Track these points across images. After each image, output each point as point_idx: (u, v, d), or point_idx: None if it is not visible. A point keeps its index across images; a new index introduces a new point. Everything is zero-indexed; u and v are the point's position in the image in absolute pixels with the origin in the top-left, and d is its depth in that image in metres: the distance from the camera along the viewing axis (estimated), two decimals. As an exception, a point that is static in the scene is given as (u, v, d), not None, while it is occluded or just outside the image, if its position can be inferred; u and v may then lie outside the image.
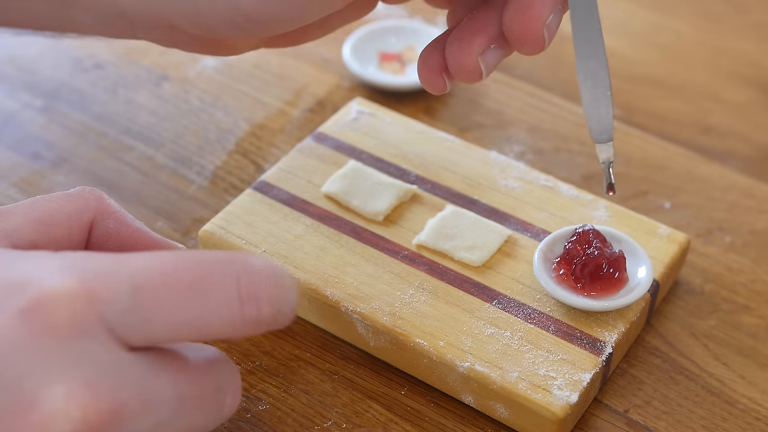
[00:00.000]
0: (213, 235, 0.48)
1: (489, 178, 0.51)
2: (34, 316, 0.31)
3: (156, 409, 0.33)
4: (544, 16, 0.39)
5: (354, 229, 0.48)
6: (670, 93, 0.63)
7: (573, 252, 0.45)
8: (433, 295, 0.45)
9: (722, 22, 0.69)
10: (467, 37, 0.41)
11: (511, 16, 0.39)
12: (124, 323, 0.32)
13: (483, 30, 0.41)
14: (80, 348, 0.31)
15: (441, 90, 0.43)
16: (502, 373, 0.42)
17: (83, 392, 0.31)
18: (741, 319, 0.49)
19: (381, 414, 0.44)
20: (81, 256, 0.34)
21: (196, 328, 0.34)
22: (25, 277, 0.32)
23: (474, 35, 0.41)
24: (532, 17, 0.39)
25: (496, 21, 0.40)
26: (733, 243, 0.53)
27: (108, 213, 0.40)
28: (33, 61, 0.64)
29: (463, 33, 0.41)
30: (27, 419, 0.30)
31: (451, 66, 0.41)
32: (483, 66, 0.41)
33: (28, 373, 0.31)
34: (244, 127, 0.59)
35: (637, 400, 0.45)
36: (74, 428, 0.31)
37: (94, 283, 0.32)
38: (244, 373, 0.46)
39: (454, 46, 0.41)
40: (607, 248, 0.45)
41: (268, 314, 0.35)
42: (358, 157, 0.52)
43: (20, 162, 0.57)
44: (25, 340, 0.31)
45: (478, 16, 0.41)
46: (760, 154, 0.59)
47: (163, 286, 0.33)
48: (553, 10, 0.39)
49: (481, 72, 0.41)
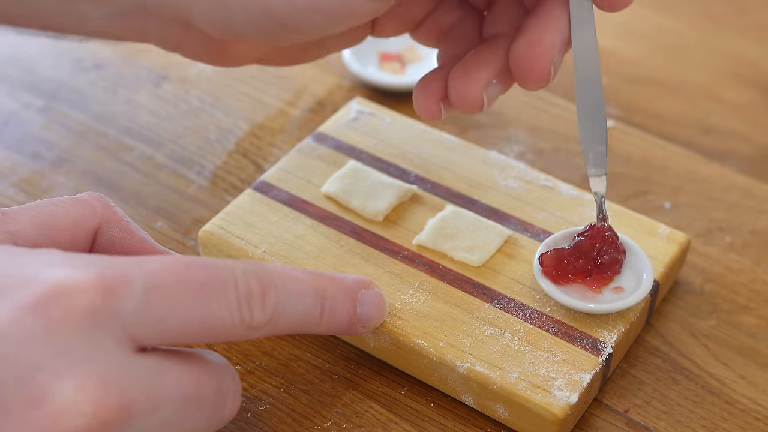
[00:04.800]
0: (213, 235, 0.48)
1: (489, 178, 0.51)
2: (49, 308, 0.32)
3: (162, 408, 0.33)
4: (554, 52, 0.41)
5: (354, 229, 0.48)
6: (670, 93, 0.63)
7: (585, 245, 0.45)
8: (433, 295, 0.45)
9: (723, 23, 0.69)
10: (473, 70, 0.42)
11: (520, 49, 0.41)
12: (138, 322, 0.33)
13: (488, 64, 0.42)
14: (93, 343, 0.32)
15: (435, 117, 0.44)
16: (502, 374, 0.42)
17: (94, 387, 0.31)
18: (741, 319, 0.49)
19: (381, 414, 0.44)
20: (93, 256, 0.34)
21: (207, 328, 0.34)
22: (37, 270, 0.33)
23: (480, 68, 0.42)
24: (541, 51, 0.40)
25: (499, 57, 0.42)
26: (733, 243, 0.53)
27: (114, 221, 0.40)
28: (33, 61, 0.64)
29: (468, 65, 0.43)
30: (39, 412, 0.31)
31: (455, 95, 0.43)
32: (486, 98, 0.42)
33: (41, 365, 0.31)
34: (244, 127, 0.59)
35: (637, 400, 0.45)
36: (85, 422, 0.31)
37: (111, 280, 0.32)
38: (244, 373, 0.46)
39: (459, 76, 0.42)
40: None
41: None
42: (358, 157, 0.52)
43: (20, 162, 0.57)
44: (38, 332, 0.31)
45: (482, 52, 0.43)
46: (760, 154, 0.59)
47: (176, 285, 0.33)
48: (561, 48, 0.41)
49: (483, 104, 0.42)
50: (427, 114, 0.44)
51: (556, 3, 0.41)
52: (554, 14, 0.41)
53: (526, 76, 0.41)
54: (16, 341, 0.31)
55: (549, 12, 0.41)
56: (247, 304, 0.35)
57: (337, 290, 0.39)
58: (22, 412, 0.31)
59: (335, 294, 0.39)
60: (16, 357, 0.31)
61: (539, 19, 0.41)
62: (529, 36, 0.41)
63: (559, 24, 0.41)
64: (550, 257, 0.45)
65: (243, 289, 0.35)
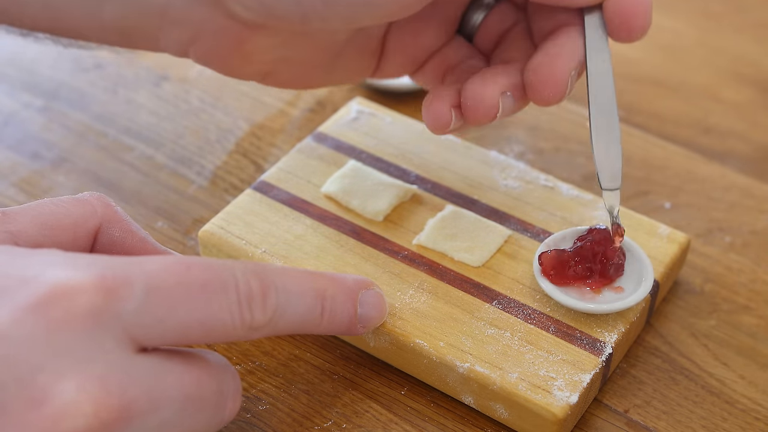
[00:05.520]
0: (213, 235, 0.48)
1: (489, 178, 0.51)
2: (49, 309, 0.32)
3: (163, 408, 0.33)
4: (571, 66, 0.41)
5: (354, 229, 0.48)
6: (670, 93, 0.63)
7: (586, 250, 0.45)
8: (433, 295, 0.45)
9: (721, 22, 0.69)
10: (490, 76, 0.43)
11: (539, 62, 0.42)
12: (139, 322, 0.33)
13: (505, 76, 0.43)
14: (94, 343, 0.32)
15: (443, 125, 0.44)
16: (502, 374, 0.42)
17: (95, 387, 0.31)
18: (741, 319, 0.49)
19: (381, 414, 0.44)
20: (93, 256, 0.34)
21: (208, 329, 0.34)
22: (38, 271, 0.33)
23: (497, 76, 0.43)
24: (559, 64, 0.41)
25: (515, 73, 0.43)
26: (733, 243, 0.53)
27: (114, 221, 0.40)
28: (33, 61, 0.64)
29: (485, 73, 0.43)
30: (39, 413, 0.31)
31: (470, 98, 0.43)
32: (501, 105, 0.42)
33: (41, 366, 0.31)
34: (244, 127, 0.59)
35: (637, 400, 0.45)
36: (86, 423, 0.31)
37: (111, 280, 0.32)
38: (244, 373, 0.46)
39: (476, 81, 0.43)
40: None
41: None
42: (358, 157, 0.52)
43: (20, 162, 0.57)
44: (38, 333, 0.31)
45: (498, 67, 0.43)
46: (760, 154, 0.59)
47: (177, 286, 0.34)
48: (577, 64, 0.42)
49: (497, 110, 0.43)
50: (435, 120, 0.44)
51: (571, 31, 0.42)
52: (571, 38, 0.42)
53: (544, 86, 0.41)
54: (17, 342, 0.31)
55: (565, 35, 0.42)
56: (248, 305, 0.35)
57: (338, 290, 0.39)
58: (22, 413, 0.31)
59: (335, 294, 0.39)
60: (17, 358, 0.31)
61: (557, 40, 0.42)
62: (547, 50, 0.42)
63: (575, 47, 0.42)
64: (550, 257, 0.45)
65: (243, 290, 0.35)
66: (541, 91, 0.42)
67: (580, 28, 0.42)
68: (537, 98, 0.42)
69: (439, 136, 0.53)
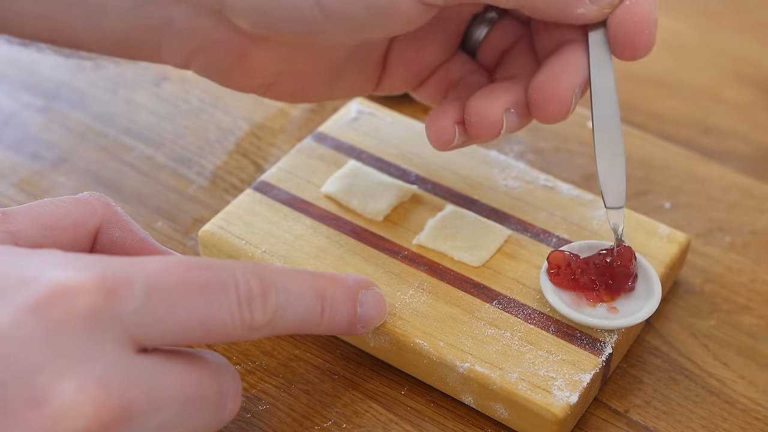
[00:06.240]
0: (213, 235, 0.48)
1: (489, 178, 0.51)
2: (49, 309, 0.32)
3: (163, 408, 0.33)
4: (575, 84, 0.41)
5: (354, 230, 0.48)
6: (670, 93, 0.63)
7: (602, 265, 0.44)
8: (433, 295, 0.45)
9: (721, 22, 0.69)
10: (494, 92, 0.42)
11: (543, 79, 0.41)
12: (139, 323, 0.33)
13: (508, 91, 0.42)
14: (94, 343, 0.32)
15: (447, 141, 0.43)
16: (502, 374, 0.42)
17: (95, 388, 0.31)
18: (741, 319, 0.49)
19: (381, 414, 0.44)
20: (93, 256, 0.34)
21: (208, 329, 0.34)
22: (38, 271, 0.33)
23: (501, 92, 0.42)
24: (563, 82, 0.41)
25: (519, 90, 0.42)
26: (733, 243, 0.53)
27: (114, 221, 0.40)
28: (33, 62, 0.64)
29: (490, 89, 0.43)
30: (39, 413, 0.31)
31: (474, 116, 0.42)
32: (505, 121, 0.42)
33: (41, 366, 0.31)
34: (244, 127, 0.59)
35: (637, 400, 0.45)
36: (86, 423, 0.31)
37: (111, 281, 0.32)
38: (244, 373, 0.46)
39: (480, 97, 0.42)
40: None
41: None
42: (358, 157, 0.52)
43: (20, 162, 0.57)
44: (38, 333, 0.31)
45: (501, 83, 0.43)
46: (760, 154, 0.59)
47: (177, 286, 0.34)
48: (581, 81, 0.41)
49: (501, 126, 0.42)
50: (439, 136, 0.43)
51: (575, 48, 0.42)
52: (575, 55, 0.42)
53: (547, 104, 0.41)
54: (17, 342, 0.31)
55: (569, 52, 0.42)
56: (248, 305, 0.35)
57: (338, 290, 0.39)
58: (22, 414, 0.31)
59: (335, 294, 0.39)
60: (17, 358, 0.31)
61: (560, 57, 0.42)
62: (551, 67, 0.41)
63: (579, 64, 0.41)
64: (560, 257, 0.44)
65: (243, 290, 0.35)
66: (544, 109, 0.41)
67: (584, 45, 0.42)
68: (540, 116, 0.42)
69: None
